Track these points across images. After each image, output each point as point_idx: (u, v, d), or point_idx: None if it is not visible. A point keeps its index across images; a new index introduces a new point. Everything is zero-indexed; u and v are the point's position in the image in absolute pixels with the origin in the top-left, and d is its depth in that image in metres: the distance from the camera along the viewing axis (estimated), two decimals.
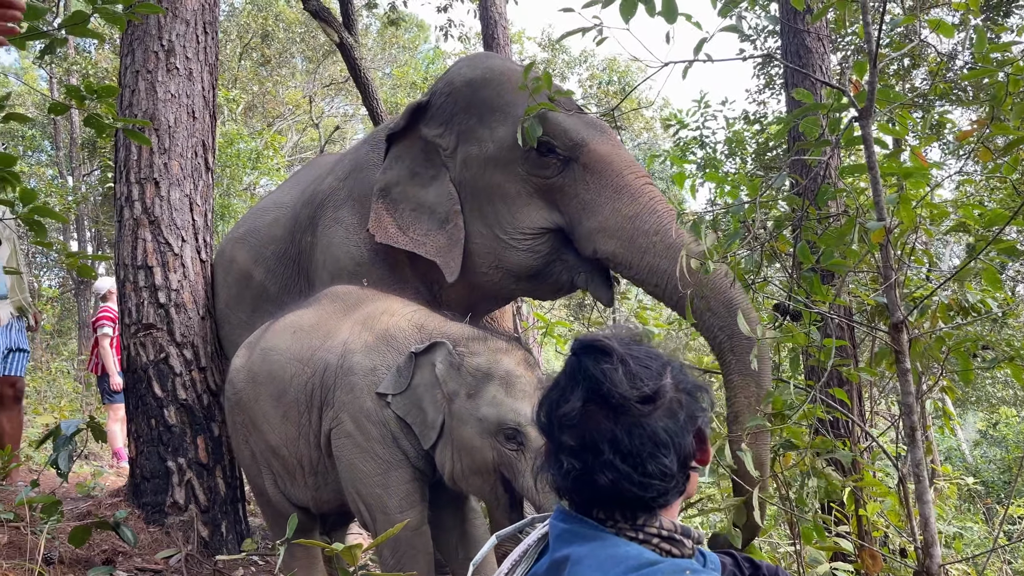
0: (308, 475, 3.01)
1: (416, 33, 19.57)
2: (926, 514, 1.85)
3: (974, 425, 12.09)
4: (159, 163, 4.20)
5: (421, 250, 3.32)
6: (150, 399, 4.02)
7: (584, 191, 3.12)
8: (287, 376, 2.96)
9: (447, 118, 3.39)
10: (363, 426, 2.78)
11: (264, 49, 16.70)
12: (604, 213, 3.06)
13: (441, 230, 3.33)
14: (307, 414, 2.93)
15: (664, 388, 1.06)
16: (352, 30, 7.54)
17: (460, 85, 3.38)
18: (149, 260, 4.12)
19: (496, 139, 3.23)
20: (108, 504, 4.06)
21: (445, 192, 3.35)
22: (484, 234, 3.31)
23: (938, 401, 3.99)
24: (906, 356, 1.96)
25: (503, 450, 2.53)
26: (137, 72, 4.27)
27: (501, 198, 3.25)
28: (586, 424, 1.06)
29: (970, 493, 6.54)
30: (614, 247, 3.05)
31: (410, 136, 3.46)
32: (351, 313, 3.02)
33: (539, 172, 3.18)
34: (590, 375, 1.07)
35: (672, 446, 1.04)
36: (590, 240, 3.11)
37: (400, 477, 2.76)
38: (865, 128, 2.07)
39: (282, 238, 3.91)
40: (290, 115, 18.41)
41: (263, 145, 12.91)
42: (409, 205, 3.39)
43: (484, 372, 2.60)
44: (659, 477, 1.03)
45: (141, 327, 4.08)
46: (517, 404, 2.53)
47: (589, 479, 1.05)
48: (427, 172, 3.42)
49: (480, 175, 3.29)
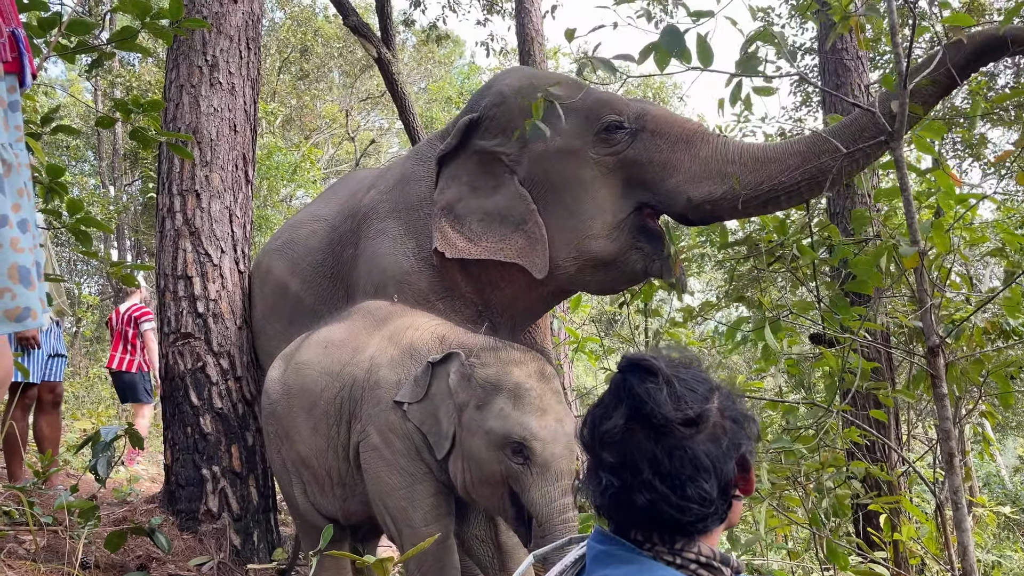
0: (336, 486, 3.04)
1: (452, 48, 19.72)
2: (965, 542, 1.82)
3: (1014, 451, 11.80)
4: (200, 175, 4.29)
5: (500, 255, 3.35)
6: (187, 407, 4.09)
7: (658, 153, 3.20)
8: (317, 389, 3.00)
9: (504, 125, 3.44)
10: (389, 439, 2.80)
11: (303, 63, 16.96)
12: (685, 164, 3.15)
13: (518, 231, 3.36)
14: (336, 427, 2.97)
15: (708, 412, 1.05)
16: (390, 45, 7.63)
17: (511, 94, 3.43)
18: (189, 270, 4.19)
19: (561, 131, 3.30)
20: (143, 510, 4.13)
21: (515, 195, 3.40)
22: (563, 226, 3.33)
23: (977, 426, 3.92)
24: (943, 381, 1.93)
25: (510, 463, 2.52)
26: (181, 86, 4.37)
27: (578, 185, 3.30)
28: (627, 443, 1.06)
29: (1009, 522, 6.38)
30: (708, 188, 3.11)
31: (463, 153, 3.50)
32: (380, 328, 3.06)
33: (610, 151, 3.25)
34: (634, 394, 1.07)
35: (713, 471, 1.04)
36: (680, 193, 3.16)
37: (425, 490, 2.77)
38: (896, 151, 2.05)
39: (319, 249, 3.96)
40: (327, 128, 18.65)
41: (300, 157, 13.08)
42: (476, 216, 3.42)
43: (493, 384, 2.59)
44: (697, 501, 1.03)
45: (179, 336, 4.15)
46: (524, 418, 2.51)
47: (627, 498, 1.05)
48: (488, 183, 3.46)
49: (552, 168, 3.35)
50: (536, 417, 2.52)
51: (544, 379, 2.63)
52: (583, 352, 5.11)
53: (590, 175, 3.27)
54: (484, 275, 3.48)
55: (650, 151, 3.20)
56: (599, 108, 3.27)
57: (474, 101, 3.62)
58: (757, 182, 3.01)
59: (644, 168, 3.21)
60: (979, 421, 3.93)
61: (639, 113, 3.25)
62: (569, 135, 3.30)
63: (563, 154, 3.31)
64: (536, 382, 2.59)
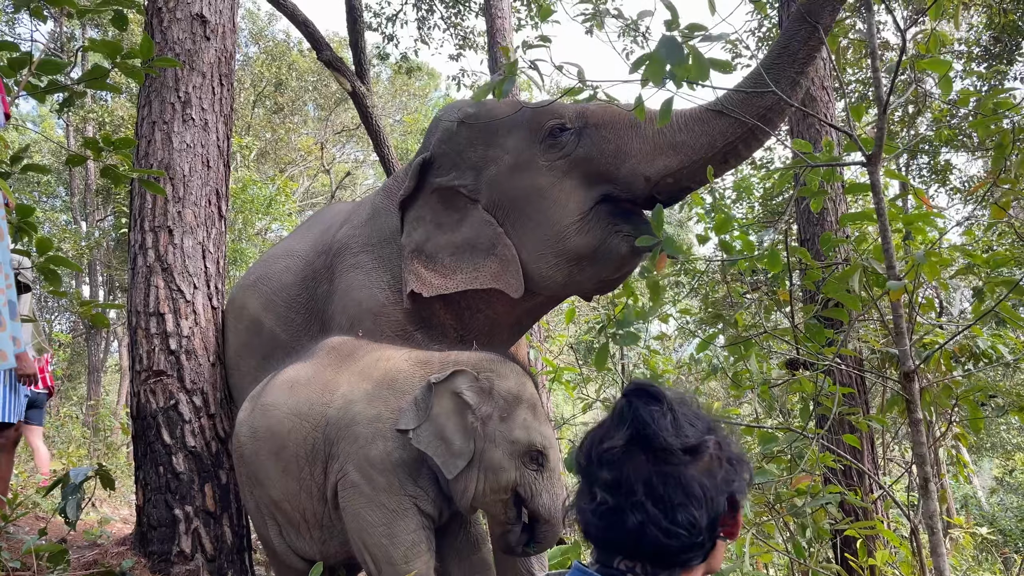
0: (313, 528, 3.00)
1: (426, 81, 19.89)
2: (940, 567, 1.83)
3: (990, 472, 11.91)
4: (173, 211, 4.26)
5: (476, 284, 3.37)
6: (159, 446, 4.02)
7: (606, 143, 3.21)
8: (284, 431, 2.96)
9: (455, 160, 3.48)
10: (369, 475, 2.78)
11: (277, 97, 16.99)
12: (635, 146, 3.16)
13: (490, 257, 3.38)
14: (308, 468, 2.92)
15: (707, 444, 1.08)
16: (364, 79, 7.69)
17: (455, 128, 3.48)
18: (161, 307, 4.15)
19: (509, 148, 3.35)
20: (114, 552, 4.04)
21: (480, 222, 3.42)
22: (534, 238, 3.33)
23: (952, 449, 3.96)
24: (918, 406, 1.95)
25: (525, 471, 2.69)
26: (154, 123, 4.36)
27: (537, 195, 3.32)
28: (625, 463, 1.07)
29: (986, 543, 6.42)
30: (663, 162, 3.11)
31: (422, 194, 3.53)
32: (347, 364, 3.05)
33: (559, 154, 3.27)
34: (638, 416, 1.09)
35: (704, 502, 1.05)
36: (637, 176, 3.16)
37: (406, 526, 2.76)
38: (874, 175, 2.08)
39: (294, 285, 3.94)
40: (302, 161, 18.66)
41: (275, 191, 13.06)
42: (447, 252, 3.44)
43: (515, 395, 2.75)
44: (686, 528, 1.03)
45: (151, 374, 4.10)
46: (542, 428, 2.73)
47: (619, 517, 1.06)
48: (452, 217, 3.48)
49: (509, 186, 3.37)
50: (547, 426, 2.77)
51: (536, 390, 2.87)
52: (560, 382, 5.11)
53: (546, 182, 3.29)
54: (463, 300, 3.50)
55: (599, 143, 3.23)
56: (539, 116, 3.31)
57: (426, 140, 3.67)
58: (711, 141, 3.03)
59: (597, 161, 3.23)
60: (954, 444, 3.97)
61: (579, 112, 3.28)
62: (517, 150, 3.34)
63: (516, 170, 3.34)
64: (535, 392, 2.84)
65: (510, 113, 3.33)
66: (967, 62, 8.88)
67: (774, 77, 2.83)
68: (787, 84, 2.87)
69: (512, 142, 3.36)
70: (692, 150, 3.05)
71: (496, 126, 3.41)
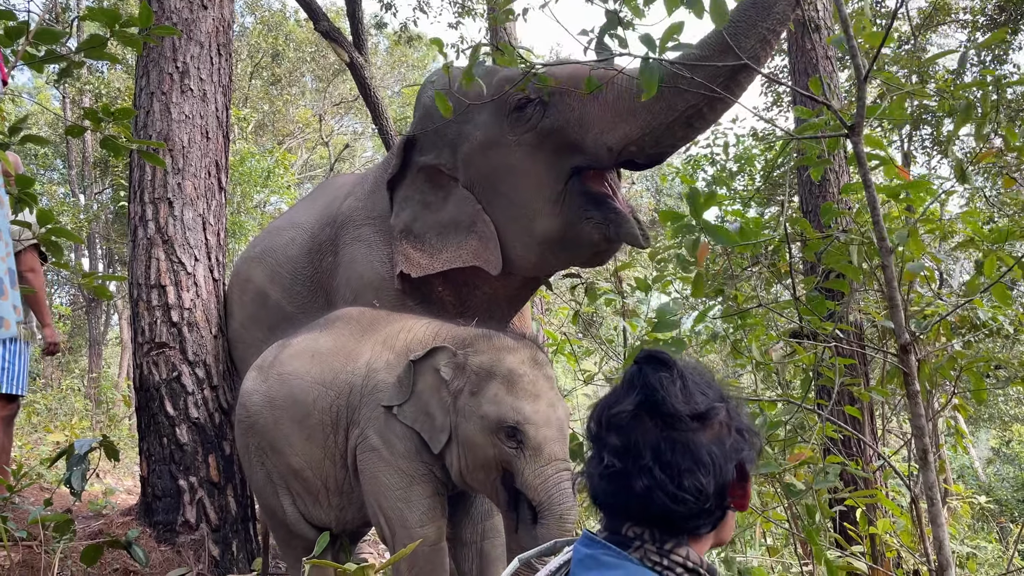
0: (333, 495, 3.04)
1: (425, 52, 19.70)
2: (940, 537, 1.84)
3: (987, 443, 11.99)
4: (173, 183, 4.25)
5: (459, 262, 3.36)
6: (162, 417, 4.04)
7: (571, 112, 3.10)
8: (310, 400, 2.98)
9: (434, 139, 3.46)
10: (389, 441, 2.82)
11: (275, 68, 16.85)
12: (596, 114, 3.03)
13: (471, 234, 3.37)
14: (332, 435, 2.96)
15: (716, 411, 1.08)
16: (362, 50, 7.61)
17: (430, 105, 3.42)
18: (162, 279, 4.15)
19: (479, 124, 3.30)
20: (120, 523, 4.08)
21: (461, 199, 3.41)
22: (509, 217, 3.32)
23: (950, 420, 3.97)
24: (915, 378, 1.96)
25: (503, 448, 2.59)
26: (152, 94, 4.32)
27: (509, 172, 3.28)
28: (634, 428, 1.08)
29: (983, 512, 6.48)
30: (623, 130, 2.99)
31: (410, 173, 3.53)
32: (369, 334, 3.06)
33: (526, 127, 3.19)
34: (648, 382, 1.09)
35: (712, 469, 1.05)
36: (600, 145, 3.06)
37: (423, 491, 2.80)
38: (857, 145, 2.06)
39: (299, 257, 3.94)
40: (300, 133, 18.55)
41: (274, 163, 12.98)
42: (434, 232, 3.44)
43: (487, 370, 2.67)
44: (693, 494, 1.04)
45: (154, 346, 4.11)
46: (517, 403, 2.58)
47: (626, 482, 1.06)
48: (438, 195, 3.47)
49: (483, 164, 3.34)
50: (529, 402, 2.59)
51: (537, 365, 2.70)
52: (562, 354, 5.13)
53: (516, 158, 3.24)
54: (460, 276, 3.50)
55: (564, 113, 3.12)
56: (502, 88, 3.20)
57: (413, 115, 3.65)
58: (670, 105, 2.87)
59: (564, 132, 3.14)
60: (952, 415, 3.99)
61: (543, 82, 3.10)
62: (486, 127, 3.29)
63: (487, 147, 3.31)
64: (529, 368, 2.67)
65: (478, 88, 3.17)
66: (972, 31, 8.80)
67: (744, 32, 2.66)
68: (757, 41, 2.69)
69: (483, 117, 3.29)
70: (651, 115, 2.89)
71: (465, 102, 3.27)
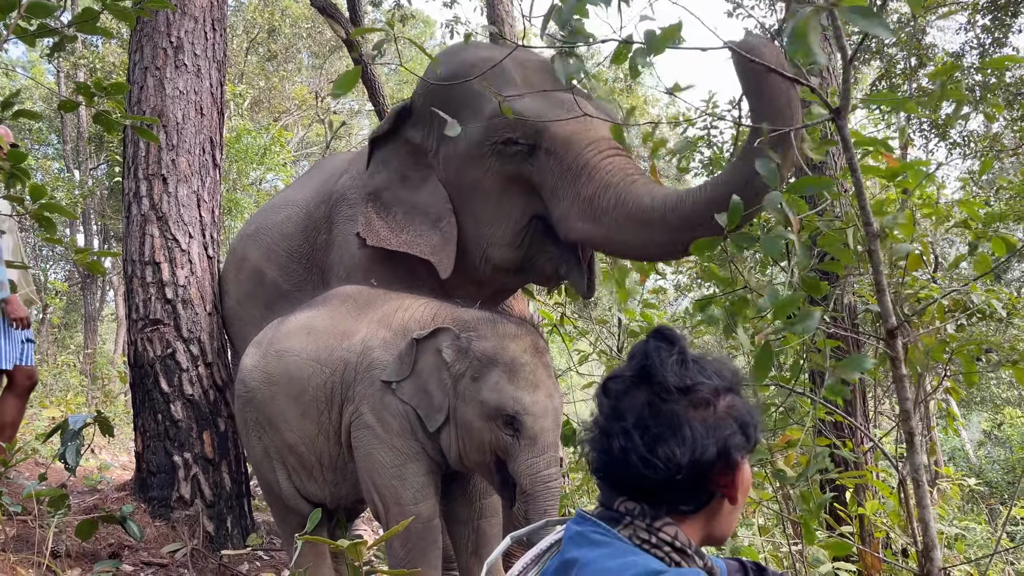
0: (327, 471, 3.06)
1: (422, 29, 19.56)
2: (926, 519, 1.86)
3: (978, 425, 12.08)
4: (167, 159, 4.23)
5: (415, 250, 3.35)
6: (156, 394, 4.05)
7: (550, 177, 3.08)
8: (304, 376, 3.01)
9: (427, 120, 3.41)
10: (384, 418, 2.84)
11: (270, 44, 16.70)
12: (568, 198, 3.00)
13: (434, 229, 3.36)
14: (327, 412, 2.98)
15: (703, 387, 1.09)
16: (358, 26, 7.55)
17: (434, 84, 3.37)
18: (156, 256, 4.14)
19: (468, 135, 3.19)
20: (114, 498, 4.10)
21: (435, 191, 3.39)
22: (472, 231, 3.33)
23: (942, 402, 4.00)
24: (902, 362, 1.96)
25: (500, 434, 2.63)
26: (146, 69, 4.29)
27: (480, 194, 3.27)
28: (625, 394, 1.11)
29: (973, 494, 6.54)
30: (585, 229, 2.98)
31: (396, 139, 3.49)
32: (366, 312, 3.07)
33: (508, 163, 3.16)
34: (646, 353, 1.12)
35: (689, 444, 1.05)
36: (561, 224, 3.07)
37: (417, 469, 2.83)
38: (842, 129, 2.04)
39: (295, 235, 3.93)
40: (296, 110, 18.43)
41: (269, 140, 12.92)
42: (402, 208, 3.42)
43: (490, 357, 2.68)
44: (664, 461, 1.05)
45: (148, 322, 4.11)
46: (518, 392, 2.61)
47: (608, 444, 1.09)
48: (417, 174, 3.44)
49: (460, 172, 3.32)
50: (529, 392, 2.62)
51: (537, 353, 2.73)
52: (557, 334, 5.13)
53: (490, 183, 3.23)
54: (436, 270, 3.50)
55: (542, 172, 3.10)
56: (494, 120, 3.12)
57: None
58: (627, 239, 2.87)
59: (540, 188, 3.14)
60: (944, 397, 4.02)
61: (537, 129, 3.06)
62: (472, 142, 3.22)
63: (468, 160, 3.27)
64: (530, 357, 2.69)
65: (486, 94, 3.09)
66: (972, 14, 8.75)
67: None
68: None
69: (471, 129, 3.19)
70: (616, 230, 2.86)
71: (467, 100, 3.23)
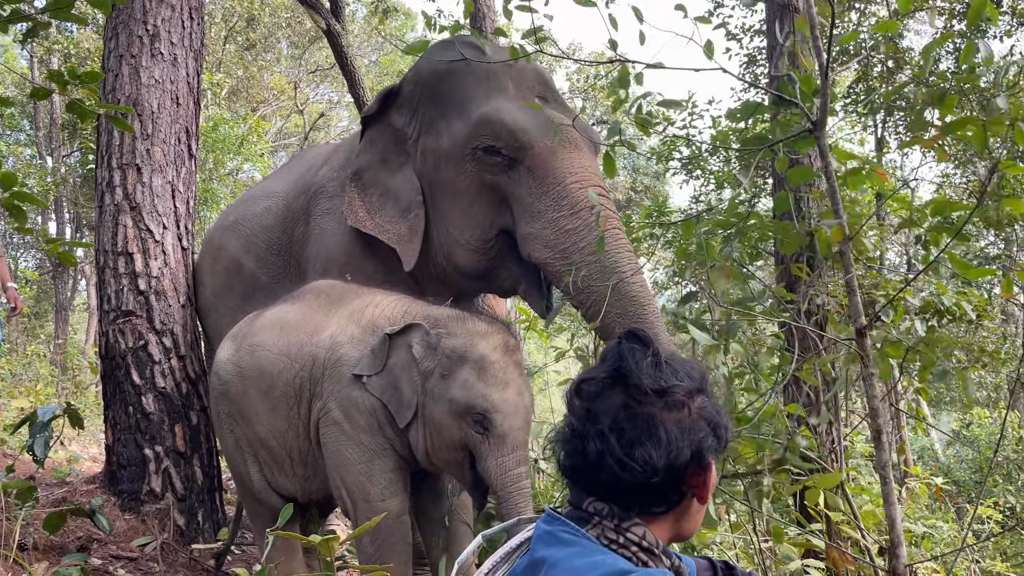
0: (297, 466, 3.06)
1: (404, 21, 19.44)
2: (892, 515, 1.89)
3: (948, 425, 12.24)
4: (141, 149, 4.17)
5: (384, 236, 3.36)
6: (128, 386, 4.01)
7: (527, 194, 3.09)
8: (275, 371, 3.00)
9: (414, 107, 3.41)
10: (351, 415, 2.83)
11: (249, 33, 16.53)
12: (543, 221, 3.04)
13: (403, 219, 3.36)
14: (296, 407, 2.97)
15: (678, 389, 1.09)
16: (339, 17, 7.50)
17: (426, 75, 3.38)
18: (130, 247, 4.10)
19: (451, 134, 3.24)
20: (83, 491, 4.05)
21: (409, 180, 3.39)
22: (439, 228, 3.34)
23: (912, 402, 4.05)
24: (871, 360, 2.00)
25: (469, 432, 2.63)
26: (121, 56, 4.23)
27: (453, 194, 3.28)
28: (599, 396, 1.10)
29: (941, 492, 6.63)
30: (547, 256, 3.04)
31: (382, 121, 3.48)
32: (337, 308, 3.06)
33: (487, 171, 3.18)
34: (621, 354, 1.11)
35: (665, 447, 1.06)
36: (526, 245, 3.11)
37: (384, 465, 2.82)
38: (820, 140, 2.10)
39: (273, 227, 3.90)
40: (274, 101, 18.26)
41: (247, 130, 12.79)
42: (378, 190, 3.42)
43: (459, 354, 2.68)
44: (640, 464, 1.05)
45: (120, 314, 4.06)
46: (487, 390, 2.61)
47: (582, 446, 1.09)
48: (396, 159, 3.44)
49: (435, 169, 3.33)
50: (499, 390, 2.61)
51: (508, 352, 2.72)
52: (534, 330, 5.15)
53: (464, 186, 3.24)
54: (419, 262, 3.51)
55: (519, 189, 3.11)
56: (479, 125, 3.15)
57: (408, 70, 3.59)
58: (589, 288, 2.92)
59: (513, 201, 3.16)
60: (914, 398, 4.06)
61: (523, 145, 3.08)
62: (453, 141, 3.24)
63: (447, 158, 3.28)
64: (500, 355, 2.69)
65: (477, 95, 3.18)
66: (948, 18, 8.85)
67: None
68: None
69: (456, 128, 3.22)
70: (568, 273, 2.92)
71: (457, 98, 3.26)
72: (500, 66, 3.23)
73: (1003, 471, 7.35)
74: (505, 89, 3.22)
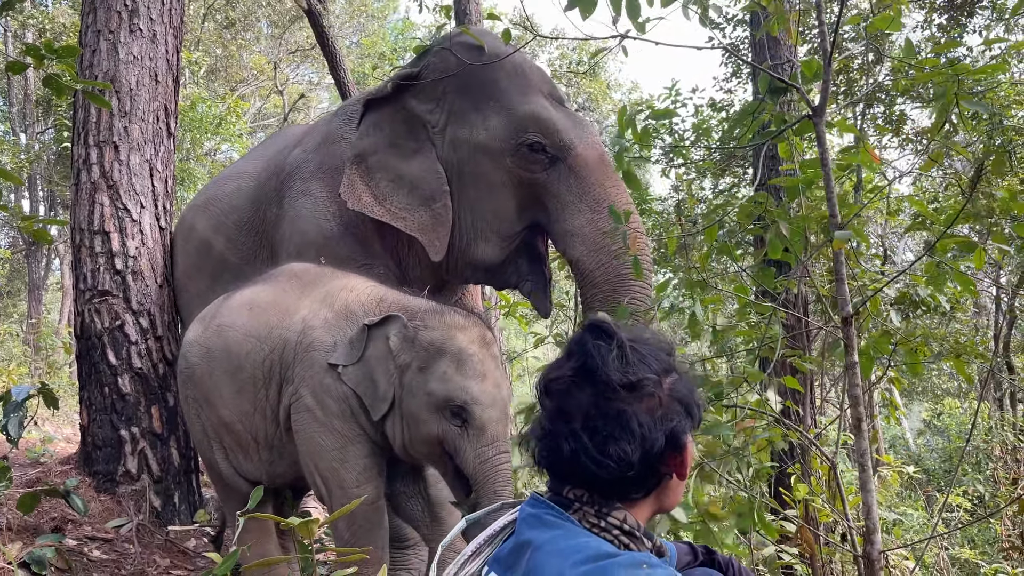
0: (263, 449, 3.01)
1: (386, 2, 19.27)
2: (868, 502, 1.92)
3: (919, 415, 12.43)
4: (119, 126, 4.11)
5: (401, 224, 3.32)
6: (104, 367, 3.96)
7: (567, 192, 3.20)
8: (243, 352, 2.95)
9: (439, 95, 3.38)
10: (323, 401, 2.79)
11: (229, 11, 16.30)
12: (581, 220, 3.17)
13: (426, 208, 3.33)
14: (264, 390, 2.93)
15: (647, 381, 1.09)
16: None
17: (455, 66, 3.34)
18: (106, 225, 4.04)
19: (489, 127, 3.27)
20: (58, 471, 4.01)
21: (432, 169, 3.35)
22: (461, 218, 3.33)
23: (885, 392, 4.10)
24: (854, 349, 2.02)
25: (448, 425, 2.61)
26: (99, 32, 4.16)
27: (486, 186, 3.29)
28: (569, 393, 1.10)
29: (911, 481, 6.74)
30: (580, 254, 3.18)
31: (393, 105, 3.43)
32: (310, 291, 3.02)
33: (526, 167, 3.24)
34: (586, 350, 1.11)
35: (639, 440, 1.06)
36: (561, 240, 3.22)
37: (358, 452, 2.79)
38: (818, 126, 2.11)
39: (244, 208, 3.86)
40: (254, 80, 18.05)
41: (225, 110, 12.65)
42: (387, 176, 3.38)
43: (437, 347, 2.66)
44: (615, 460, 1.05)
45: (96, 293, 4.01)
46: (466, 382, 2.60)
47: (556, 445, 1.09)
48: (409, 144, 3.40)
49: (468, 160, 3.32)
50: (477, 382, 2.60)
51: (485, 345, 2.71)
52: (514, 316, 5.15)
53: (500, 180, 3.28)
54: (401, 249, 3.49)
55: (560, 187, 3.21)
56: (527, 122, 3.23)
57: (422, 56, 3.54)
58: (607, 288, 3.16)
59: (550, 198, 3.24)
60: (887, 387, 4.12)
61: (567, 144, 3.22)
62: (493, 134, 3.27)
63: (482, 150, 3.30)
64: (478, 348, 2.68)
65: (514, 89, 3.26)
66: (928, 13, 8.91)
67: None
68: None
69: (495, 122, 3.27)
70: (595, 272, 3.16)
71: (495, 92, 3.29)
72: (526, 66, 3.33)
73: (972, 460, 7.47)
74: (535, 87, 3.32)
